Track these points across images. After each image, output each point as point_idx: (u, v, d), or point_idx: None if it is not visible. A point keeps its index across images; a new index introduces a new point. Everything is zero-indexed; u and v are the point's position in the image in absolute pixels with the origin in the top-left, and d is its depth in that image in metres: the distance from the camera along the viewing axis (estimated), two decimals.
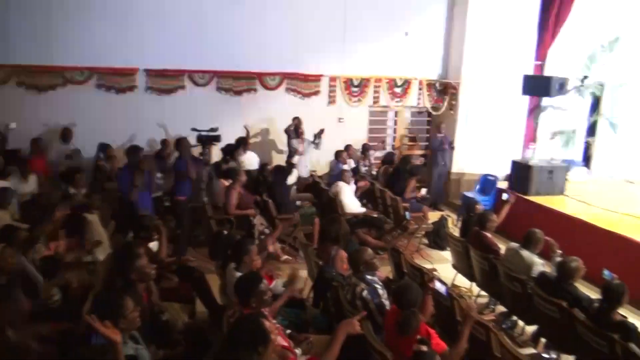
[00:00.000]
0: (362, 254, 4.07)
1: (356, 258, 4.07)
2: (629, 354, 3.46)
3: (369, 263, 4.03)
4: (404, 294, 3.42)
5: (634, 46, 8.60)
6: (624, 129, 9.01)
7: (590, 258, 5.34)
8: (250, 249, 4.02)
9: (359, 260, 4.03)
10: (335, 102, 9.15)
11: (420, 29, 9.24)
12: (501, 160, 8.52)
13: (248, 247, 4.04)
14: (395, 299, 3.53)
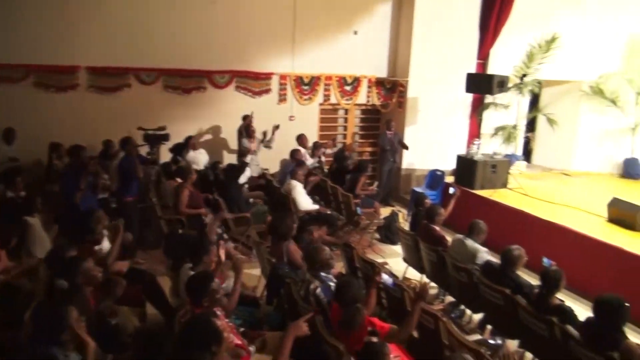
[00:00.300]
0: (320, 253, 4.06)
1: (314, 256, 4.06)
2: (566, 335, 3.68)
3: (326, 262, 4.07)
4: (345, 292, 3.43)
5: (571, 44, 9.09)
6: (561, 124, 9.52)
7: (531, 247, 5.61)
8: (209, 249, 3.98)
9: (317, 258, 4.03)
10: (286, 101, 9.15)
11: (368, 27, 9.38)
12: (448, 155, 8.79)
13: (208, 247, 4.00)
14: (337, 298, 3.53)
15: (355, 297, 3.41)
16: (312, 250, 4.13)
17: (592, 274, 5.67)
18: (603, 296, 3.50)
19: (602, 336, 3.40)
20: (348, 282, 3.53)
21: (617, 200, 6.55)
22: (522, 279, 4.43)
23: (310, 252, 4.13)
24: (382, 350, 2.88)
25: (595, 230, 6.20)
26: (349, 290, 3.42)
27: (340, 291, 3.48)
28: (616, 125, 9.75)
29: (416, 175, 9.58)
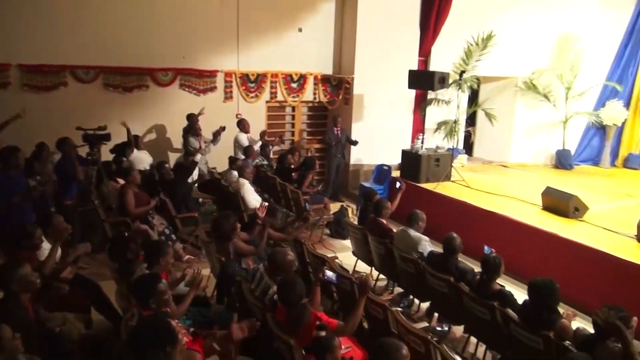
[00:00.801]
0: (283, 258, 4.00)
1: (276, 261, 3.98)
2: (506, 318, 3.89)
3: (289, 265, 4.02)
4: (288, 293, 3.42)
5: (506, 42, 9.52)
6: (499, 118, 9.98)
7: (474, 235, 5.93)
8: (167, 251, 3.90)
9: (280, 262, 3.96)
10: (232, 99, 9.06)
11: (313, 25, 9.44)
12: (394, 150, 9.00)
13: (165, 249, 3.91)
14: (280, 299, 3.50)
15: (297, 296, 3.40)
16: (275, 255, 4.04)
17: (528, 259, 6.00)
18: (536, 280, 3.72)
19: (538, 317, 3.62)
20: (288, 283, 3.48)
21: (551, 189, 6.95)
22: (465, 266, 4.64)
23: (273, 257, 4.03)
24: (331, 343, 2.93)
25: (531, 218, 6.56)
26: (291, 292, 3.40)
27: (283, 292, 3.47)
28: (549, 118, 10.34)
29: (364, 171, 9.75)
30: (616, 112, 10.12)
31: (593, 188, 8.52)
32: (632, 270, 5.14)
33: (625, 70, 10.42)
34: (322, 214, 7.45)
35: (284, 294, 3.45)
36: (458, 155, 9.74)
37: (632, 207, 7.11)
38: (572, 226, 6.33)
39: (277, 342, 3.34)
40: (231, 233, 4.60)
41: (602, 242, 5.68)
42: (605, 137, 10.55)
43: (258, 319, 3.63)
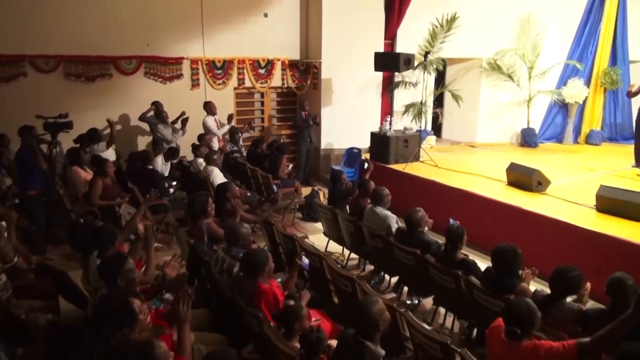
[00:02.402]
0: (238, 230, 4.07)
1: (234, 232, 4.06)
2: (470, 286, 4.01)
3: (246, 238, 4.09)
4: (250, 262, 3.52)
5: (470, 23, 9.66)
6: (465, 99, 10.16)
7: (443, 212, 6.05)
8: (115, 239, 3.85)
9: (237, 234, 4.04)
10: (199, 86, 8.97)
11: (278, 10, 9.40)
12: (363, 133, 9.08)
13: (114, 236, 3.86)
14: (242, 269, 3.60)
15: (261, 266, 3.48)
16: (232, 228, 4.14)
17: (494, 232, 6.14)
18: (499, 246, 3.85)
19: (499, 282, 3.75)
20: (252, 253, 3.58)
21: (515, 165, 7.14)
22: (430, 238, 4.75)
23: (230, 230, 4.13)
24: (298, 312, 2.99)
25: (496, 193, 6.74)
26: (255, 260, 3.49)
27: (245, 263, 3.55)
28: (513, 98, 10.57)
29: (335, 155, 9.82)
30: (577, 90, 10.41)
31: (557, 164, 8.78)
32: (590, 239, 5.35)
33: (585, 49, 10.71)
34: (294, 197, 7.49)
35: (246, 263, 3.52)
36: (426, 136, 9.90)
37: (592, 180, 7.35)
38: (536, 199, 6.53)
39: (246, 316, 3.38)
40: (204, 209, 4.63)
41: (563, 213, 5.88)
42: (568, 115, 10.85)
43: (227, 297, 3.68)
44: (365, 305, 2.79)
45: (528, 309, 2.78)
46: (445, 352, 3.04)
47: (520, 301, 2.89)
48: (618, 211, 5.71)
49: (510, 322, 2.78)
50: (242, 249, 3.90)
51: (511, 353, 2.77)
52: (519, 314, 2.76)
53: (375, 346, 2.73)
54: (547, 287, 3.55)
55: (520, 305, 2.82)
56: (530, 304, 2.82)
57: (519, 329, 2.71)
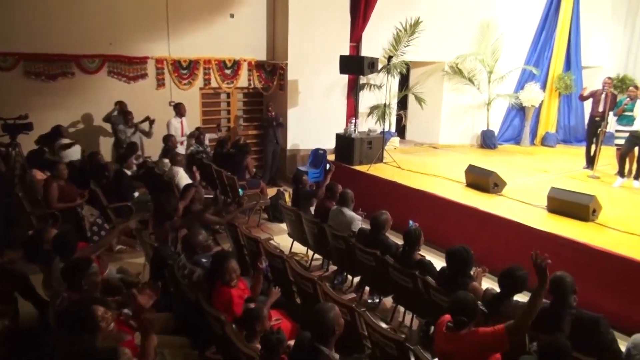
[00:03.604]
0: (195, 238, 4.12)
1: (191, 242, 4.10)
2: (427, 285, 4.20)
3: (203, 245, 4.15)
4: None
5: (432, 28, 9.92)
6: (428, 102, 10.44)
7: (404, 213, 6.26)
8: (75, 247, 3.83)
9: (194, 243, 4.09)
10: (164, 86, 8.91)
11: (245, 11, 9.42)
12: (329, 134, 9.21)
13: (74, 246, 3.82)
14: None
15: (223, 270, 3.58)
16: (187, 237, 4.16)
17: (453, 232, 6.40)
18: (452, 247, 4.04)
19: (452, 281, 3.95)
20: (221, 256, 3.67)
21: (473, 167, 7.42)
22: (390, 240, 4.92)
23: (186, 239, 4.16)
24: (260, 314, 3.09)
25: (455, 194, 7.00)
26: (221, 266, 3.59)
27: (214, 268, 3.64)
28: (474, 101, 10.91)
29: (301, 155, 9.92)
30: (534, 94, 10.84)
31: (513, 165, 9.15)
32: (541, 238, 5.63)
33: (541, 54, 11.16)
34: (259, 198, 7.56)
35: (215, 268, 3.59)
36: (391, 137, 10.12)
37: (545, 182, 7.69)
38: (492, 200, 6.81)
39: (208, 318, 3.45)
40: (174, 212, 4.65)
41: (517, 214, 6.17)
42: (525, 118, 11.29)
43: (190, 300, 3.74)
44: (322, 311, 2.91)
45: (471, 300, 3.04)
46: (400, 350, 3.20)
47: (464, 294, 3.11)
48: (566, 211, 6.04)
49: (456, 312, 2.99)
50: (202, 255, 3.97)
51: (453, 344, 2.99)
52: (465, 304, 2.98)
53: (330, 351, 2.85)
54: None
55: (465, 296, 3.05)
56: (472, 297, 3.06)
57: (465, 318, 2.92)
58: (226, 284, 3.55)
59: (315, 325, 2.88)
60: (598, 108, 8.53)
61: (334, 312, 2.92)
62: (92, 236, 5.69)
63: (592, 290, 4.85)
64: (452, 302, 3.11)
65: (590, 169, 8.52)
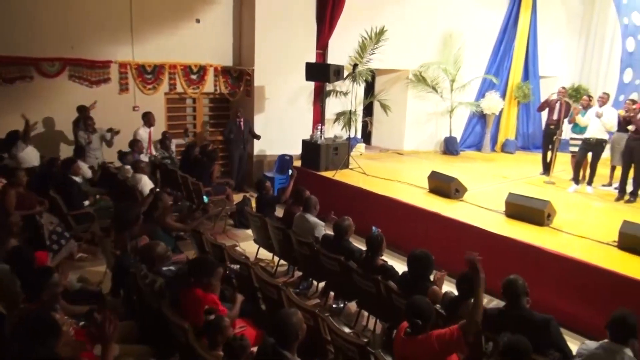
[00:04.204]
0: (153, 250, 4.08)
1: (149, 254, 4.07)
2: (389, 290, 4.30)
3: (163, 257, 4.12)
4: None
5: (397, 36, 10.13)
6: (393, 109, 10.65)
7: (368, 218, 6.38)
8: (34, 257, 3.76)
9: (153, 255, 4.06)
10: (128, 90, 8.77)
11: (211, 16, 9.39)
12: (295, 140, 9.27)
13: (31, 256, 3.75)
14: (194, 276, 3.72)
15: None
16: (145, 249, 4.12)
17: (416, 236, 6.57)
18: (413, 252, 4.17)
19: (413, 285, 4.06)
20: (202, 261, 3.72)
21: (435, 173, 7.62)
22: (353, 246, 5.01)
23: (144, 251, 4.12)
24: (220, 324, 3.12)
25: (418, 200, 7.17)
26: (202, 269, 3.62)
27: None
28: (437, 108, 11.20)
29: (267, 161, 9.93)
30: (494, 102, 11.23)
31: (475, 171, 9.43)
32: (499, 242, 5.84)
33: (500, 64, 11.58)
34: (225, 205, 7.54)
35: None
36: (356, 144, 10.27)
37: (504, 187, 7.96)
38: (453, 205, 7.01)
39: (172, 327, 3.45)
40: (134, 222, 4.60)
41: (476, 219, 6.37)
42: (486, 125, 11.67)
43: (154, 308, 3.71)
44: (285, 316, 2.96)
45: (426, 304, 3.15)
46: (362, 354, 3.28)
47: (420, 298, 3.22)
48: (523, 216, 6.28)
49: (411, 316, 3.09)
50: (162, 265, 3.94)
51: (410, 348, 3.09)
52: (419, 308, 3.09)
53: (292, 355, 2.90)
54: None
55: (419, 301, 3.16)
56: (427, 301, 3.18)
57: (420, 321, 3.02)
58: (205, 287, 3.55)
59: (278, 330, 2.93)
60: (553, 116, 8.90)
61: (296, 317, 2.97)
62: (51, 245, 5.55)
63: (546, 291, 5.09)
64: (407, 306, 3.20)
65: (547, 175, 8.88)
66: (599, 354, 3.08)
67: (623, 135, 7.91)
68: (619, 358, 2.98)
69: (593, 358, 3.11)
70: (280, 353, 2.85)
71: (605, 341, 3.13)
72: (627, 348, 3.01)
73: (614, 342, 3.07)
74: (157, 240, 4.27)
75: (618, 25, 11.80)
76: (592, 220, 6.60)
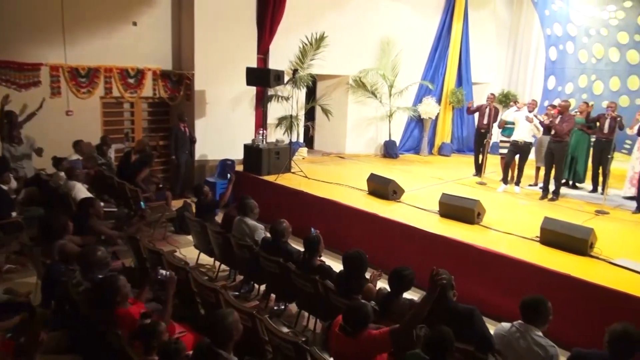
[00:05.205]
0: (94, 254, 3.97)
1: (89, 259, 3.95)
2: (326, 289, 4.42)
3: (102, 262, 4.03)
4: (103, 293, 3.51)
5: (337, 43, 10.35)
6: (334, 113, 10.86)
7: (310, 221, 6.47)
8: None
9: (93, 260, 3.94)
10: (60, 94, 8.44)
11: (148, 19, 9.21)
12: (238, 145, 9.26)
13: None
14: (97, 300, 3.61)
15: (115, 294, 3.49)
16: (85, 255, 4.00)
17: (355, 237, 6.75)
18: (348, 252, 4.31)
19: (349, 284, 4.20)
20: (102, 284, 3.58)
21: (374, 176, 7.86)
22: (292, 248, 5.10)
23: (84, 255, 4.00)
24: (155, 329, 3.11)
25: (358, 202, 7.37)
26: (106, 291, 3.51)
27: (98, 295, 3.57)
28: (376, 113, 11.54)
29: (209, 166, 9.85)
30: (430, 107, 11.70)
31: (412, 173, 9.80)
32: (434, 241, 6.13)
33: (436, 71, 12.10)
34: (164, 210, 7.43)
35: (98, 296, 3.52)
36: (299, 148, 10.39)
37: (440, 188, 8.33)
38: (391, 207, 7.26)
39: (107, 335, 3.39)
40: (61, 232, 4.46)
41: (412, 219, 6.65)
42: (423, 129, 12.14)
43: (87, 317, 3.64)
44: (220, 316, 3.00)
45: (363, 308, 3.26)
46: (298, 351, 3.37)
47: (359, 303, 3.34)
48: (455, 215, 6.61)
49: (348, 319, 3.21)
50: (100, 272, 3.85)
51: (346, 347, 3.21)
52: (355, 313, 3.21)
53: (228, 354, 2.94)
54: None
55: (357, 306, 3.28)
56: (364, 306, 3.29)
57: (351, 327, 3.15)
58: (119, 305, 3.47)
59: (213, 330, 2.96)
60: (483, 121, 9.41)
61: (232, 317, 3.02)
62: None
63: (476, 284, 5.40)
64: (346, 310, 3.32)
65: (479, 176, 9.37)
66: (513, 332, 3.42)
67: (546, 138, 8.49)
68: (529, 335, 3.33)
69: (509, 335, 3.44)
70: (215, 352, 2.89)
71: (518, 321, 3.45)
72: (536, 328, 3.36)
73: (526, 322, 3.40)
74: (99, 246, 4.17)
75: (542, 35, 12.67)
76: (518, 218, 7.03)
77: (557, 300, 3.69)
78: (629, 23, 11.03)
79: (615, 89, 11.38)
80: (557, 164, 8.07)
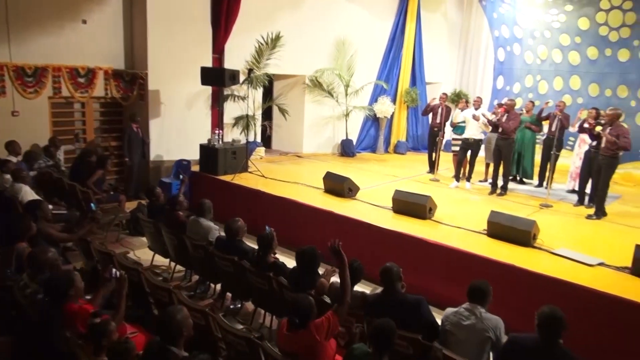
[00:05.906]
0: (44, 256, 3.92)
1: (39, 260, 3.89)
2: (280, 285, 4.49)
3: (53, 264, 3.96)
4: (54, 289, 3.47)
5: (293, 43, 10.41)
6: (291, 113, 10.93)
7: (267, 220, 6.51)
8: None
9: (42, 262, 3.89)
10: (5, 94, 8.12)
11: (99, 17, 8.99)
12: (193, 145, 9.17)
13: None
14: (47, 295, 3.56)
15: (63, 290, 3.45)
16: (36, 254, 3.95)
17: (311, 234, 6.81)
18: (301, 248, 4.39)
19: (302, 280, 4.28)
20: (54, 279, 3.55)
21: (330, 174, 7.97)
22: (247, 246, 5.14)
23: (34, 256, 3.94)
24: (106, 328, 3.09)
25: (314, 200, 7.47)
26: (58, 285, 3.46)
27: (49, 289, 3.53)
28: (333, 112, 11.68)
29: (165, 167, 9.72)
30: (385, 106, 11.95)
31: (368, 171, 9.99)
32: (387, 236, 6.30)
33: (390, 71, 12.35)
34: (117, 212, 7.30)
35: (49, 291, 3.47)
36: (256, 147, 10.40)
37: (394, 185, 8.54)
38: (347, 204, 7.39)
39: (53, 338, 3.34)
40: (26, 233, 4.36)
41: (367, 215, 6.80)
42: (379, 128, 12.38)
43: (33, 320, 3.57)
44: (170, 313, 3.02)
45: (306, 302, 3.34)
46: (250, 346, 3.42)
47: (303, 296, 3.42)
48: (408, 211, 6.81)
49: (293, 314, 3.29)
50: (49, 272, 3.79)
51: (292, 343, 3.29)
52: (297, 306, 3.30)
53: (179, 351, 2.96)
54: None
55: (301, 299, 3.36)
56: (307, 299, 3.37)
57: (297, 319, 3.23)
58: (71, 299, 3.44)
59: (163, 327, 2.98)
60: (436, 120, 9.71)
61: (182, 314, 3.04)
62: None
63: (427, 276, 5.60)
64: (290, 304, 3.42)
65: (432, 173, 9.65)
66: (462, 312, 3.69)
67: (494, 135, 8.84)
68: (478, 312, 3.63)
69: (458, 316, 3.68)
70: (166, 349, 2.90)
71: (466, 303, 3.72)
72: (481, 307, 3.65)
73: (473, 303, 3.68)
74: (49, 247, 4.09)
75: (491, 37, 13.16)
76: (468, 213, 7.29)
77: (502, 289, 3.92)
78: (569, 26, 11.62)
79: (559, 88, 11.97)
80: (504, 160, 8.42)
